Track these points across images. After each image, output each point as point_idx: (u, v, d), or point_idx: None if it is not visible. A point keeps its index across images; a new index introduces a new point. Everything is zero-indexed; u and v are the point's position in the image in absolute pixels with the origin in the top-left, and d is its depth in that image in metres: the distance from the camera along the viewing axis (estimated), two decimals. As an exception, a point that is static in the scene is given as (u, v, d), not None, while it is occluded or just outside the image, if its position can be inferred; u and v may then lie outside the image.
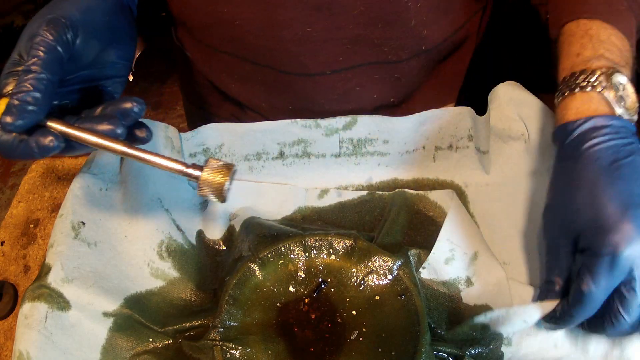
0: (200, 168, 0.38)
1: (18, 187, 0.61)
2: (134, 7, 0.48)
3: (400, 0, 0.50)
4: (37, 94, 0.35)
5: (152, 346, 0.45)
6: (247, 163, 0.54)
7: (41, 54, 0.36)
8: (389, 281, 0.46)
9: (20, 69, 0.36)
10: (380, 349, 0.42)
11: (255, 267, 0.46)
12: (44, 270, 0.44)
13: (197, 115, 0.74)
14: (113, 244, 0.48)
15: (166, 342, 0.45)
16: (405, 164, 0.55)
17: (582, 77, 0.41)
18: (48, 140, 0.36)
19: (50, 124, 0.37)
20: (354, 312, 0.45)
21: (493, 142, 0.51)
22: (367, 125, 0.52)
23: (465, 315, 0.44)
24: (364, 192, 0.54)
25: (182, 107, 0.78)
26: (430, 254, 0.46)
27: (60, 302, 0.42)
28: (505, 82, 0.51)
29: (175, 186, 0.53)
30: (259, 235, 0.48)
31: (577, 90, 0.41)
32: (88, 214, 0.48)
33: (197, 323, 0.45)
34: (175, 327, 0.45)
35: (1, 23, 2.44)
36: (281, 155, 0.54)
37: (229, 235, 0.52)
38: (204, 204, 0.54)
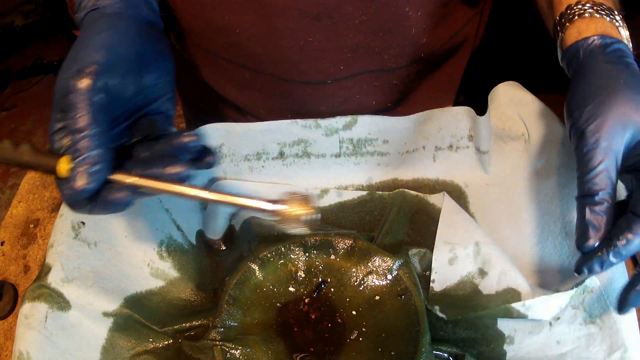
0: (283, 203, 0.37)
1: (18, 187, 0.61)
2: (158, 18, 0.45)
3: (401, 8, 0.50)
4: (97, 151, 0.34)
5: (152, 346, 0.45)
6: (247, 163, 0.54)
7: (83, 110, 0.34)
8: (388, 281, 0.46)
9: (64, 125, 0.35)
10: (380, 349, 0.42)
11: (255, 267, 0.46)
12: (44, 270, 0.44)
13: (195, 120, 0.74)
14: (113, 244, 0.48)
15: (166, 342, 0.45)
16: (405, 164, 0.55)
17: (602, 7, 0.43)
18: (123, 195, 0.35)
19: (115, 178, 0.35)
20: (354, 312, 0.45)
21: (493, 142, 0.51)
22: (367, 125, 0.52)
23: (492, 306, 0.43)
24: (364, 192, 0.54)
25: (182, 107, 0.78)
26: (433, 261, 0.46)
27: (60, 302, 0.42)
28: (505, 82, 0.51)
29: (175, 186, 0.53)
30: (259, 235, 0.48)
31: (600, 15, 0.42)
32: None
33: (197, 323, 0.45)
34: (175, 327, 0.45)
35: (1, 23, 2.44)
36: (281, 155, 0.54)
37: (229, 235, 0.52)
38: (204, 204, 0.54)
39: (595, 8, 0.43)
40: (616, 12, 0.43)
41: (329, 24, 0.51)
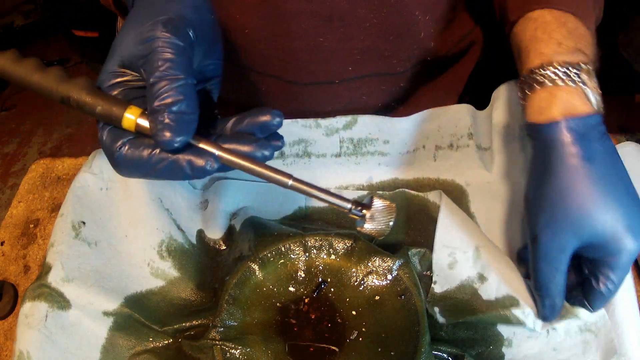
0: (366, 207, 0.36)
1: (18, 187, 0.61)
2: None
3: (411, 12, 0.51)
4: (190, 102, 0.30)
5: (152, 345, 0.45)
6: (248, 163, 0.54)
7: (172, 56, 0.30)
8: (388, 281, 0.45)
9: (129, 79, 0.32)
10: (379, 349, 0.42)
11: (255, 266, 0.46)
12: (45, 269, 0.44)
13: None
14: (113, 244, 0.48)
15: (166, 342, 0.45)
16: (406, 164, 0.55)
17: (568, 70, 0.38)
18: (204, 161, 0.31)
19: (202, 145, 0.32)
20: (353, 312, 0.45)
21: (495, 141, 0.51)
22: (368, 125, 0.52)
23: (491, 311, 0.43)
24: (365, 192, 0.54)
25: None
26: (433, 264, 0.45)
27: (60, 301, 0.42)
28: (508, 82, 0.51)
29: (175, 186, 0.53)
30: (259, 235, 0.48)
31: (563, 83, 0.38)
32: (88, 213, 0.48)
33: (197, 322, 0.45)
34: (175, 326, 0.45)
35: (1, 23, 2.44)
36: (281, 154, 0.54)
37: (229, 235, 0.52)
38: (204, 203, 0.54)
39: (560, 72, 0.39)
40: (584, 68, 0.39)
41: (340, 25, 0.51)
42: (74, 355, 0.41)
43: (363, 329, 0.44)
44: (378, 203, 0.36)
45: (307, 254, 0.48)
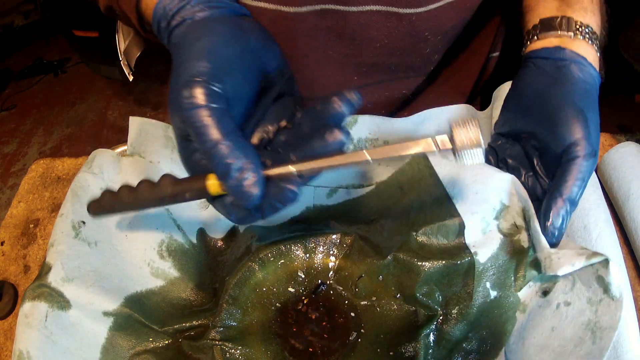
0: (449, 140, 0.34)
1: (18, 187, 0.61)
2: (244, 8, 0.43)
3: (420, 33, 0.52)
4: (241, 155, 0.32)
5: (152, 346, 0.45)
6: (247, 163, 0.54)
7: (207, 122, 0.31)
8: (388, 282, 0.46)
9: (196, 146, 0.33)
10: (378, 350, 0.42)
11: (255, 267, 0.46)
12: (44, 269, 0.44)
13: None
14: (113, 244, 0.48)
15: (166, 342, 0.45)
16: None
17: (583, 29, 0.44)
18: (288, 192, 0.33)
19: (271, 172, 0.33)
20: (352, 314, 0.45)
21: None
22: (368, 125, 0.52)
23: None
24: (373, 186, 0.53)
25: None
26: (466, 239, 0.43)
27: (60, 301, 0.42)
28: (508, 82, 0.51)
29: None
30: (261, 236, 0.48)
31: (574, 35, 0.44)
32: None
33: (197, 323, 0.45)
34: (175, 326, 0.45)
35: (1, 23, 2.44)
36: (281, 155, 0.54)
37: (232, 235, 0.52)
38: (205, 203, 0.54)
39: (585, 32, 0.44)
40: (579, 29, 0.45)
41: (349, 43, 0.52)
42: (74, 355, 0.41)
43: (362, 330, 0.44)
44: (459, 126, 0.33)
45: (307, 254, 0.48)
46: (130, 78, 0.76)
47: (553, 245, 0.40)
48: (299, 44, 0.52)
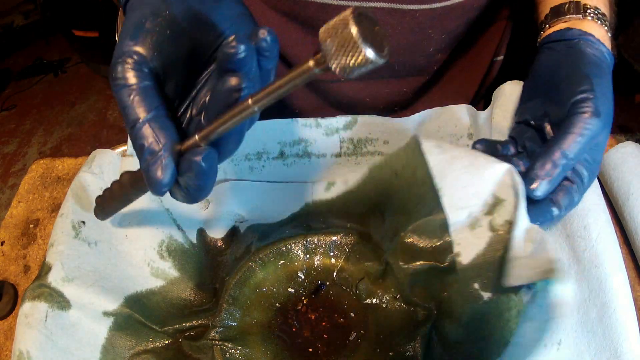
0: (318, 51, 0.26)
1: (18, 187, 0.61)
2: None
3: (424, 30, 0.52)
4: (155, 142, 0.30)
5: (152, 345, 0.45)
6: (248, 163, 0.54)
7: (129, 104, 0.31)
8: (387, 283, 0.45)
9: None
10: (378, 350, 0.42)
11: (255, 266, 0.46)
12: (44, 269, 0.44)
13: None
14: (113, 244, 0.48)
15: (166, 342, 0.45)
16: (406, 164, 0.55)
17: (592, 11, 0.45)
18: (194, 164, 0.30)
19: (185, 146, 0.31)
20: (352, 314, 0.45)
21: (496, 139, 0.51)
22: (368, 125, 0.52)
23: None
24: (366, 172, 0.49)
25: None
26: (452, 236, 0.40)
27: (60, 301, 0.42)
28: (511, 81, 0.51)
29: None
30: (261, 236, 0.48)
31: (583, 17, 0.45)
32: (88, 213, 0.48)
33: (197, 323, 0.45)
34: (175, 326, 0.45)
35: (1, 23, 2.44)
36: (282, 155, 0.54)
37: (232, 235, 0.52)
38: (205, 203, 0.54)
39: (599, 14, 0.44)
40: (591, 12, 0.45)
41: None
42: (74, 355, 0.41)
43: (362, 331, 0.44)
44: (326, 36, 0.25)
45: (307, 254, 0.48)
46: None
47: (538, 200, 0.39)
48: (314, 39, 0.52)
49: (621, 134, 0.59)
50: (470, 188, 0.39)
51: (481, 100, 0.68)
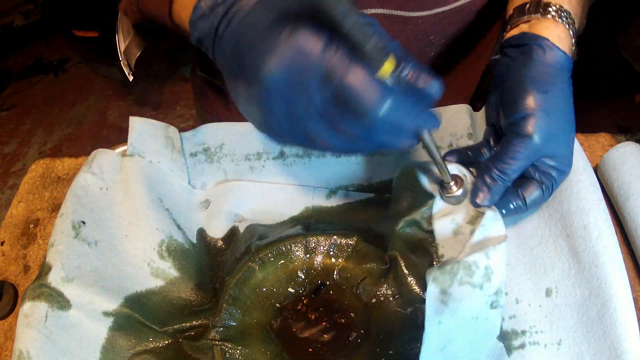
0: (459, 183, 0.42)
1: (18, 187, 0.61)
2: None
3: (426, 36, 0.52)
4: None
5: (152, 345, 0.45)
6: (248, 163, 0.54)
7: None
8: (387, 283, 0.45)
9: None
10: (378, 350, 0.42)
11: (255, 267, 0.46)
12: (44, 269, 0.44)
13: None
14: (113, 244, 0.48)
15: (166, 342, 0.45)
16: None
17: (552, 7, 0.44)
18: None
19: None
20: (352, 314, 0.45)
21: (467, 146, 0.52)
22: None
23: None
24: (372, 195, 0.54)
25: (182, 107, 0.78)
26: (436, 237, 0.43)
27: (60, 301, 0.42)
28: None
29: (175, 186, 0.53)
30: (261, 237, 0.48)
31: (542, 16, 0.44)
32: (88, 213, 0.48)
33: (197, 323, 0.45)
34: (175, 326, 0.45)
35: (1, 23, 2.44)
36: (282, 155, 0.54)
37: (231, 235, 0.52)
38: (205, 203, 0.54)
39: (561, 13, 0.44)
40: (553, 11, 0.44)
41: None
42: (74, 355, 0.41)
43: (362, 331, 0.44)
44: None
45: (307, 254, 0.48)
46: (130, 78, 0.76)
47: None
48: None
49: (621, 134, 0.59)
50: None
51: (480, 100, 0.68)
